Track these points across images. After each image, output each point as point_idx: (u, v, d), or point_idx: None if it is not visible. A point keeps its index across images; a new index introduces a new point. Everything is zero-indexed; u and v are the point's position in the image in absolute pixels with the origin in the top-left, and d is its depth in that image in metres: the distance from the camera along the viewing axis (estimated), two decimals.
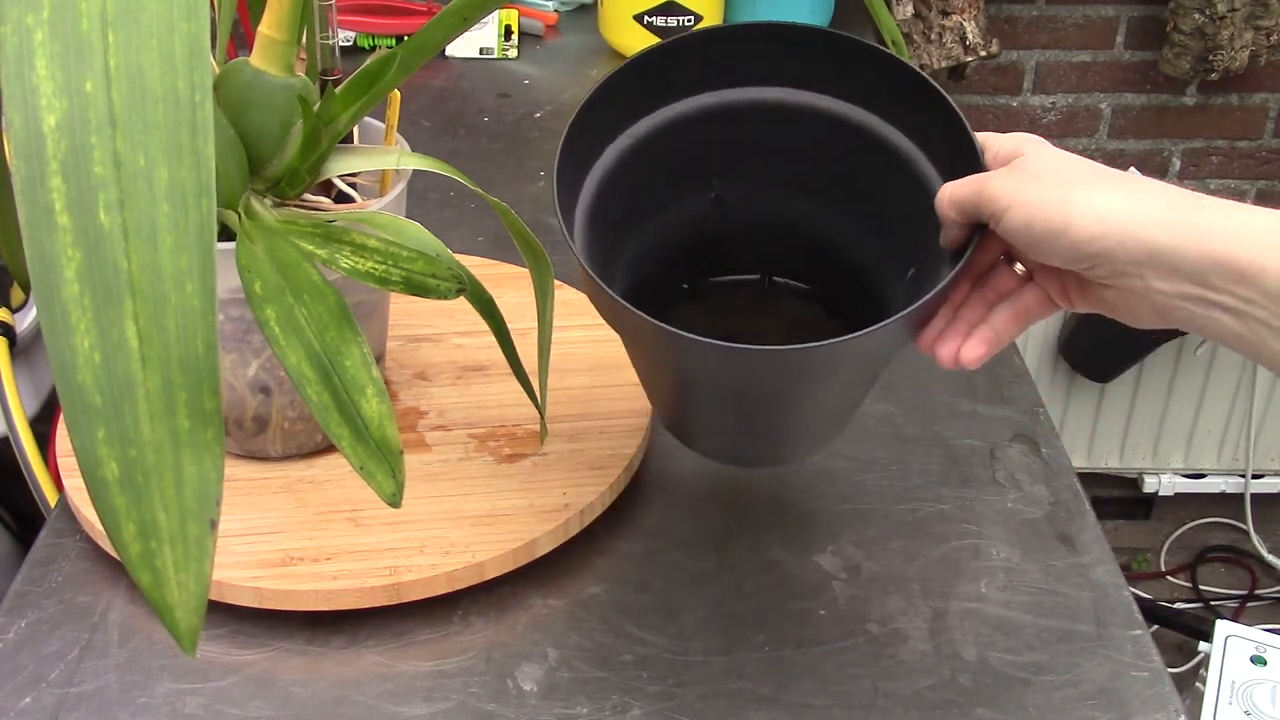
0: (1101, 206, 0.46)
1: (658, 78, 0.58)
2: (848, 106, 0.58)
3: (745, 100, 0.60)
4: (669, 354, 0.54)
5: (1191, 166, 1.71)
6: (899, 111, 0.57)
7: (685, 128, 0.60)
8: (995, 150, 0.52)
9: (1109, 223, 0.45)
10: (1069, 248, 0.46)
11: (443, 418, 0.71)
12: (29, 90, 0.35)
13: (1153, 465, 1.88)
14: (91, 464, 0.36)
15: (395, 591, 0.60)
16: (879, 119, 0.58)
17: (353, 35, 1.27)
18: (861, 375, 0.57)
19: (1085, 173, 0.48)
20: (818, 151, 0.60)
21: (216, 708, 0.57)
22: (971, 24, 1.46)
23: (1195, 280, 0.44)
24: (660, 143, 0.59)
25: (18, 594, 0.62)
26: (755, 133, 0.60)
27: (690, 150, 0.60)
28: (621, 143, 0.59)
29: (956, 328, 0.53)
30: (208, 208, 0.36)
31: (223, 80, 0.58)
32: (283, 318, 0.49)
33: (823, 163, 0.60)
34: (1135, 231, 0.45)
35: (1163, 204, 0.45)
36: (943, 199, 0.52)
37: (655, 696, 0.57)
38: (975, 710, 0.57)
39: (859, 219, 0.61)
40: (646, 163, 0.59)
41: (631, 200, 0.59)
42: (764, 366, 0.51)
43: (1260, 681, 1.14)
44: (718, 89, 0.59)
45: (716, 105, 0.60)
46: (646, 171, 0.59)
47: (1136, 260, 0.45)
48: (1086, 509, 0.69)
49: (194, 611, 0.36)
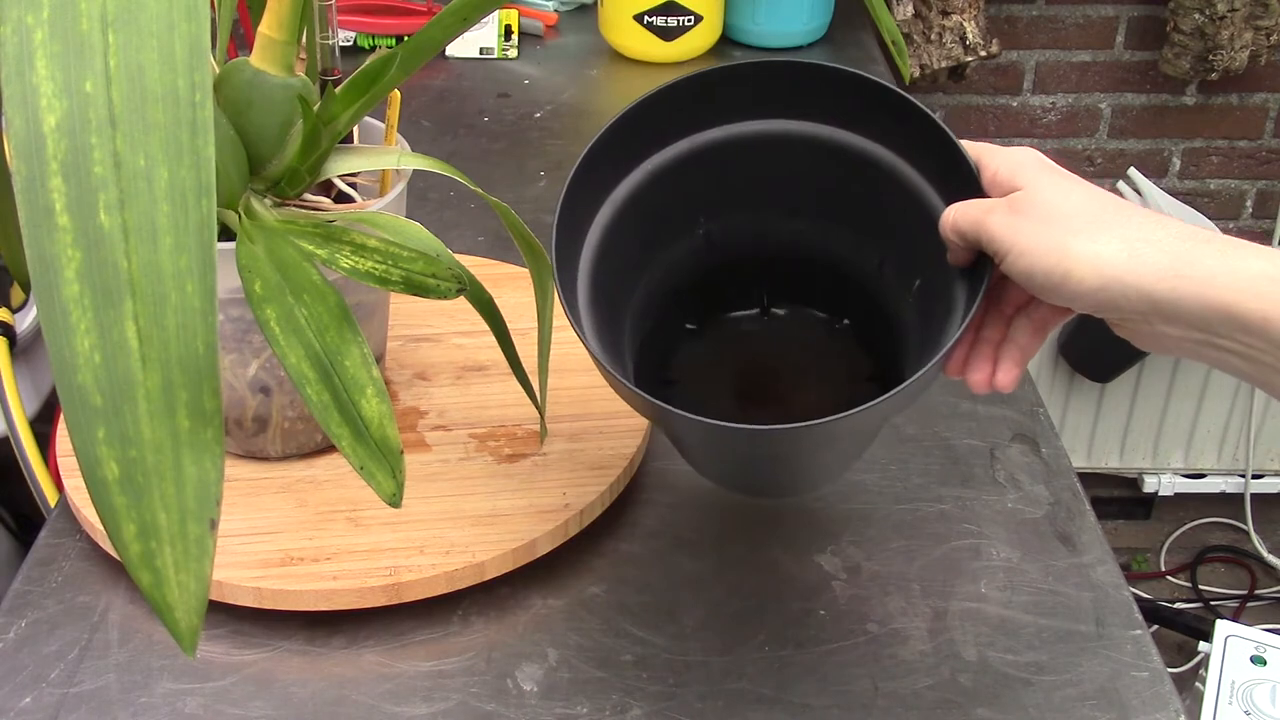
0: (1100, 258, 0.45)
1: (631, 138, 0.58)
2: (832, 130, 0.58)
3: (724, 138, 0.60)
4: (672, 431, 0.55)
5: (1191, 166, 1.71)
6: (883, 130, 0.57)
7: (667, 176, 0.60)
8: (994, 170, 0.51)
9: (1108, 276, 0.45)
10: (1071, 298, 0.46)
11: (443, 418, 0.71)
12: (29, 90, 0.35)
13: (1153, 465, 1.88)
14: (91, 464, 0.36)
15: (395, 591, 0.60)
16: (864, 139, 0.58)
17: (353, 35, 1.27)
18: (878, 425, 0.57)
19: (1083, 217, 0.46)
20: (805, 176, 0.60)
21: (216, 708, 0.57)
22: (971, 24, 1.46)
23: (1200, 328, 0.44)
24: (646, 195, 0.59)
25: (18, 594, 0.62)
26: (739, 167, 0.60)
27: (675, 196, 0.60)
28: (608, 206, 0.59)
29: (982, 351, 0.53)
30: (208, 208, 0.36)
31: (223, 80, 0.58)
32: (283, 318, 0.49)
33: (811, 186, 0.60)
34: (1135, 284, 0.44)
35: (1162, 254, 0.44)
36: (946, 224, 0.51)
37: (655, 696, 0.57)
38: (975, 710, 0.57)
39: (855, 233, 0.60)
40: (636, 217, 0.59)
41: (628, 256, 0.59)
42: (769, 443, 0.51)
43: (1260, 681, 1.14)
44: (692, 133, 0.60)
45: (693, 148, 0.60)
46: (638, 225, 0.59)
47: (1140, 310, 0.45)
48: (1086, 509, 0.69)
49: (194, 611, 0.36)
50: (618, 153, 0.58)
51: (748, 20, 1.28)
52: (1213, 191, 1.73)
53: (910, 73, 1.02)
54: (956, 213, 0.51)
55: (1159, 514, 1.96)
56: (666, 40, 1.23)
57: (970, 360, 0.53)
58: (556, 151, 1.08)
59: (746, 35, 1.29)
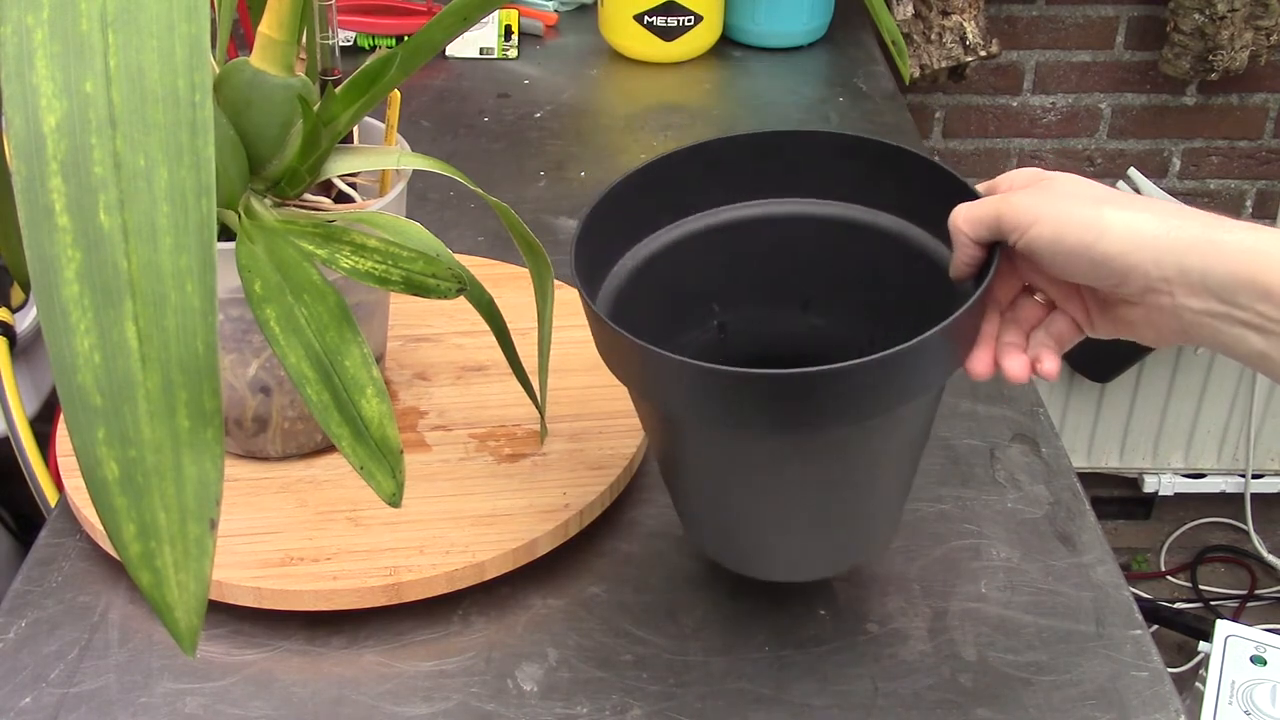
0: (1133, 222, 0.47)
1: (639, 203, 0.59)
2: (834, 206, 0.60)
3: (735, 219, 0.61)
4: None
5: (1191, 166, 1.71)
6: (885, 194, 0.58)
7: (677, 252, 0.60)
8: (1010, 183, 0.52)
9: (1141, 237, 0.46)
10: (1100, 261, 0.47)
11: (443, 418, 0.71)
12: (29, 90, 0.35)
13: (1153, 465, 1.88)
14: (91, 464, 0.36)
15: (395, 591, 0.60)
16: (871, 209, 0.59)
17: (353, 35, 1.27)
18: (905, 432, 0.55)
19: (1113, 194, 0.49)
20: (812, 256, 0.60)
21: (216, 708, 0.57)
22: (971, 24, 1.46)
23: (1223, 297, 0.45)
24: (658, 266, 0.60)
25: (18, 594, 0.62)
26: (748, 249, 0.61)
27: (688, 274, 0.61)
28: (619, 272, 0.60)
29: (1009, 351, 0.53)
30: (208, 208, 0.36)
31: (223, 80, 0.58)
32: (283, 318, 0.49)
33: (820, 269, 0.61)
34: (1167, 247, 0.46)
35: (1193, 223, 0.46)
36: (957, 217, 0.51)
37: (655, 696, 0.57)
38: (975, 710, 0.57)
39: (867, 314, 0.60)
40: (650, 288, 0.59)
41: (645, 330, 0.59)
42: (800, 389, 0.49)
43: (1260, 681, 1.14)
44: (700, 211, 0.61)
45: (705, 228, 0.60)
46: (653, 299, 0.59)
47: (1166, 276, 0.46)
48: (1086, 509, 0.69)
49: (194, 611, 0.36)
50: (629, 213, 0.59)
51: (748, 20, 1.28)
52: (1213, 191, 1.73)
53: (910, 73, 1.02)
54: (970, 205, 0.51)
55: (1159, 514, 1.96)
56: (666, 40, 1.23)
57: (1003, 352, 0.53)
58: (556, 151, 1.08)
59: (746, 35, 1.29)
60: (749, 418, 0.49)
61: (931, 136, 1.67)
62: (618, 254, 0.60)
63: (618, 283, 0.59)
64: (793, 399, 0.49)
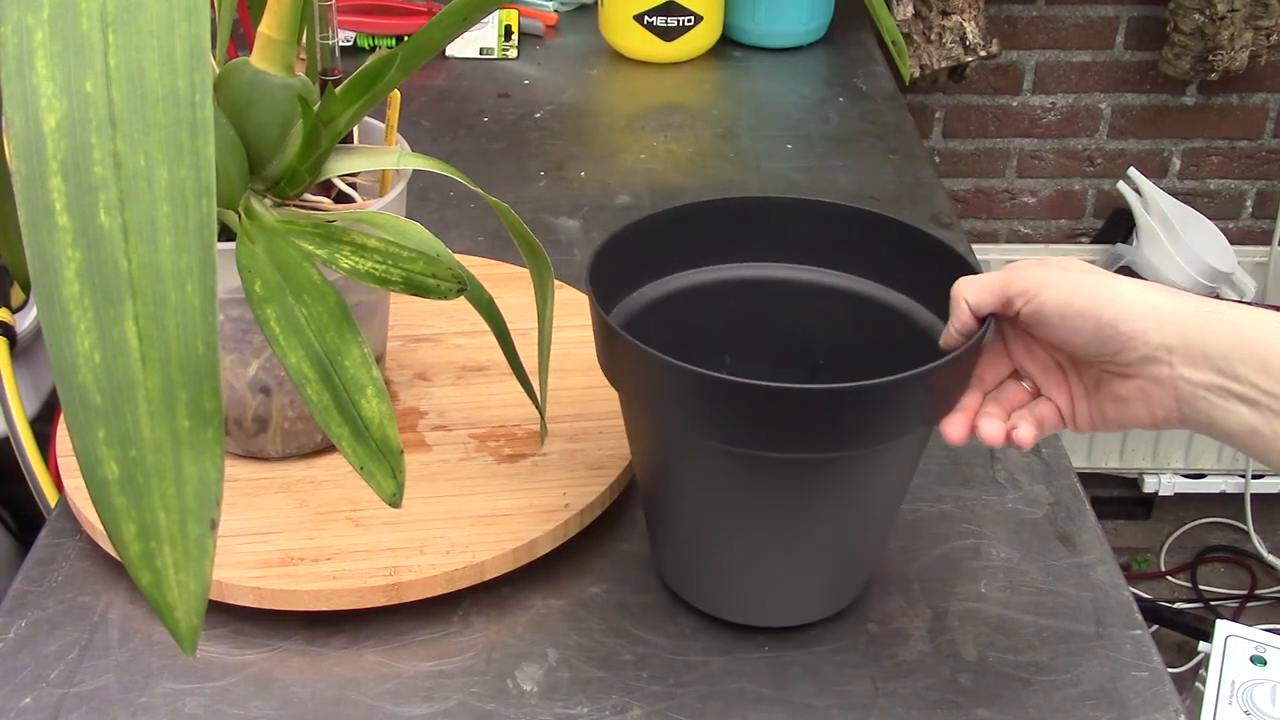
0: (1143, 292, 0.49)
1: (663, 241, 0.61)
2: (852, 279, 0.62)
3: (758, 277, 0.63)
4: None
5: (1191, 166, 1.71)
6: (901, 273, 0.61)
7: (700, 297, 0.62)
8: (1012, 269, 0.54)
9: (1149, 305, 0.48)
10: (1107, 323, 0.48)
11: (443, 418, 0.71)
12: (29, 90, 0.35)
13: (1153, 465, 1.88)
14: (91, 464, 0.36)
15: (395, 591, 0.60)
16: (880, 285, 0.62)
17: (353, 35, 1.27)
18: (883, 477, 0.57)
19: (1119, 275, 0.50)
20: (826, 325, 0.63)
21: (216, 708, 0.57)
22: (971, 24, 1.46)
23: (1222, 369, 0.47)
24: (676, 308, 0.62)
25: (18, 594, 0.62)
26: (769, 307, 0.63)
27: (703, 317, 0.62)
28: (637, 299, 0.61)
29: (986, 416, 0.53)
30: (208, 208, 0.36)
31: (223, 80, 0.58)
32: (283, 318, 0.49)
33: (831, 336, 0.63)
34: (1171, 315, 0.48)
35: (1198, 300, 0.48)
36: (959, 287, 0.52)
37: (655, 696, 0.57)
38: (975, 710, 0.57)
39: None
40: (662, 327, 0.60)
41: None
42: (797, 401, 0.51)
43: (1260, 681, 1.14)
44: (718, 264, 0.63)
45: (728, 280, 0.63)
46: (663, 335, 0.59)
47: (1169, 344, 0.47)
48: (1086, 509, 0.69)
49: (194, 611, 0.36)
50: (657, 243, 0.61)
51: (748, 20, 1.28)
52: (1213, 191, 1.73)
53: (910, 73, 1.02)
54: (974, 278, 0.52)
55: (1159, 514, 1.96)
56: (666, 40, 1.23)
57: (981, 416, 0.53)
58: (556, 151, 1.08)
59: (746, 35, 1.29)
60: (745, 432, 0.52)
61: (931, 136, 1.67)
62: (636, 282, 0.62)
63: (634, 309, 0.61)
64: (785, 415, 0.51)
